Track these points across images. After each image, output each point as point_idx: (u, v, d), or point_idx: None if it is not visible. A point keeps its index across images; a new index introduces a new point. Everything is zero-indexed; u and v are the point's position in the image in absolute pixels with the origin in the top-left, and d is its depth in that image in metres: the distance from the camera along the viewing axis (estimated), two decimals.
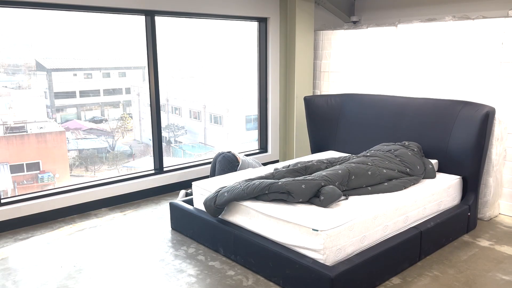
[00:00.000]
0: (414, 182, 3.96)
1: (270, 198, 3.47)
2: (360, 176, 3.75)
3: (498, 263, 3.57)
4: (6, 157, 5.39)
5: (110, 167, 6.18)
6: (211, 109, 7.19)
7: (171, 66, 6.15)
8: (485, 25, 4.48)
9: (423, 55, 5.03)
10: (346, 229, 3.09)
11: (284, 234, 3.22)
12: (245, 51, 6.46)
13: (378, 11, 6.24)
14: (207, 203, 3.70)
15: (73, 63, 5.86)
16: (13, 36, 4.98)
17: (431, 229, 3.65)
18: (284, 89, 6.35)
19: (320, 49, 6.22)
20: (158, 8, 4.96)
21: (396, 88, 5.32)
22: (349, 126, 5.25)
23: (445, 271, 3.43)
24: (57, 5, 4.30)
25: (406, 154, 4.20)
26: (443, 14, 5.36)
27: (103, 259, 3.69)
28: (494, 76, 4.46)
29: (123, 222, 4.52)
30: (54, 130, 5.81)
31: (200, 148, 7.21)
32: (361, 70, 5.73)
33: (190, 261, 3.64)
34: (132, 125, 6.49)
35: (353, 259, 3.07)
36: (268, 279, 3.31)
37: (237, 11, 5.67)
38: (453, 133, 4.29)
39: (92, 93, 6.02)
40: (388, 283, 3.26)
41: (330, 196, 3.33)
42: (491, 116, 4.09)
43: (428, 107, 4.58)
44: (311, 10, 6.06)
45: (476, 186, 4.22)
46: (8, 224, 4.29)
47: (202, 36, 6.41)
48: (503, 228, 4.27)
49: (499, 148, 4.35)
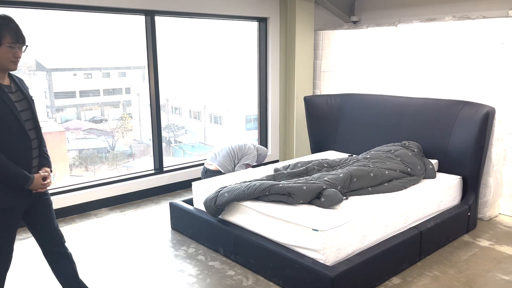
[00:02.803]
0: (414, 182, 3.96)
1: (270, 199, 3.47)
2: (362, 178, 3.74)
3: (498, 263, 3.57)
4: None
5: (110, 167, 6.18)
6: (211, 109, 7.19)
7: (171, 66, 6.15)
8: (485, 25, 4.48)
9: (423, 55, 5.03)
10: (346, 229, 3.09)
11: (284, 234, 3.22)
12: (245, 51, 6.46)
13: (378, 11, 6.24)
14: (207, 203, 3.70)
15: (73, 63, 5.86)
16: None
17: (431, 229, 3.65)
18: (284, 89, 6.34)
19: (320, 49, 6.22)
20: (158, 8, 4.95)
21: (396, 88, 5.31)
22: (349, 126, 5.25)
23: (445, 271, 3.43)
24: (57, 5, 4.30)
25: (406, 155, 4.20)
26: (443, 14, 5.36)
27: (103, 259, 3.69)
28: (494, 76, 4.45)
29: (123, 222, 4.52)
30: (54, 130, 5.81)
31: (200, 148, 7.21)
32: (361, 70, 5.73)
33: (190, 261, 3.64)
34: (132, 125, 6.49)
35: (353, 259, 3.07)
36: (268, 279, 3.31)
37: (237, 11, 5.67)
38: (453, 133, 4.29)
39: (92, 93, 6.02)
40: (388, 283, 3.26)
41: (331, 199, 3.33)
42: (491, 116, 4.09)
43: (428, 107, 4.58)
44: (311, 10, 6.06)
45: (476, 186, 4.22)
46: None
47: (202, 36, 6.41)
48: (503, 228, 4.27)
49: (499, 148, 4.35)
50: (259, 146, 5.34)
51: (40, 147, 2.52)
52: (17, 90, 2.41)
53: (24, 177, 2.36)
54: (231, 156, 4.99)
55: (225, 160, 4.95)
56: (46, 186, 2.48)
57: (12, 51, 2.29)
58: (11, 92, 2.36)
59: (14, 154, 2.33)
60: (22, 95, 2.42)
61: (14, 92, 2.39)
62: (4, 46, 2.26)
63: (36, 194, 2.49)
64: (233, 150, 5.02)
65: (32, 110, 2.45)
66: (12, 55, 2.29)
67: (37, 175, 2.43)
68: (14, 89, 2.40)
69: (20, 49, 2.34)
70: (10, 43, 2.27)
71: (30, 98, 2.47)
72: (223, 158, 4.96)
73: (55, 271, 2.76)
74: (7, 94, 2.31)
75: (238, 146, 5.07)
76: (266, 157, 5.36)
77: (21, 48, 2.35)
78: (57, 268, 2.75)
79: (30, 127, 2.42)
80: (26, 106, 2.42)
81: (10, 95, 2.34)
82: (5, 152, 2.30)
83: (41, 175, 2.45)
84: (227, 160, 4.96)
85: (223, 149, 5.06)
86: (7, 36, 2.25)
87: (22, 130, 2.35)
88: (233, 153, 5.01)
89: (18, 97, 2.40)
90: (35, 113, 2.47)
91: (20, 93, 2.42)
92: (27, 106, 2.42)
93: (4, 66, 2.31)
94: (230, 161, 4.97)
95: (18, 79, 2.49)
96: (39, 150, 2.51)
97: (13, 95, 2.37)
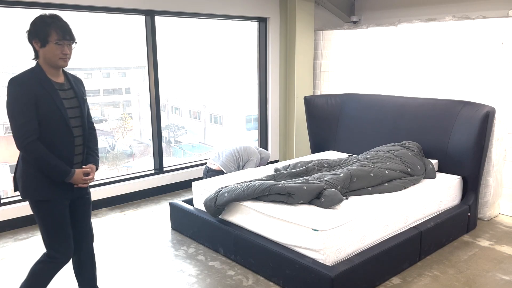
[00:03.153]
0: (414, 182, 3.95)
1: (270, 200, 3.47)
2: (362, 178, 3.74)
3: (498, 263, 3.57)
4: (6, 157, 5.38)
5: (110, 167, 6.17)
6: (211, 109, 7.19)
7: (171, 66, 6.14)
8: (485, 25, 4.48)
9: (423, 55, 5.03)
10: (346, 229, 3.09)
11: (284, 234, 3.22)
12: (245, 51, 6.46)
13: (378, 11, 6.24)
14: (207, 203, 3.70)
15: (73, 63, 5.85)
16: (13, 36, 4.98)
17: (431, 229, 3.65)
18: (284, 89, 6.34)
19: (320, 49, 6.22)
20: (158, 8, 4.96)
21: (396, 88, 5.31)
22: (349, 126, 5.25)
23: (445, 271, 3.43)
24: (57, 5, 4.30)
25: (406, 155, 4.20)
26: (443, 14, 5.36)
27: (103, 259, 3.69)
28: (494, 76, 4.45)
29: (123, 222, 4.52)
30: None
31: (200, 148, 7.21)
32: (361, 70, 5.73)
33: (190, 261, 3.64)
34: (132, 125, 6.49)
35: (353, 259, 3.07)
36: (268, 279, 3.31)
37: (237, 11, 5.67)
38: (453, 133, 4.29)
39: (92, 93, 6.01)
40: (388, 283, 3.26)
41: (331, 199, 3.33)
42: (491, 116, 4.09)
43: (428, 107, 4.58)
44: (311, 10, 6.06)
45: (476, 186, 4.22)
46: (8, 224, 4.29)
47: (202, 36, 6.41)
48: (503, 228, 4.27)
49: (499, 148, 4.35)
50: (262, 149, 5.36)
51: (86, 145, 2.58)
52: (69, 88, 2.49)
53: (65, 170, 2.41)
54: (235, 157, 5.00)
55: (228, 161, 4.95)
56: (87, 182, 2.52)
57: (60, 48, 2.35)
58: (62, 90, 2.44)
59: (57, 148, 2.41)
60: (73, 93, 2.49)
61: (66, 90, 2.46)
62: (51, 43, 2.33)
63: (77, 190, 2.53)
64: (237, 152, 5.03)
65: (81, 108, 2.52)
66: (60, 52, 2.35)
67: (79, 170, 2.48)
68: (66, 87, 2.47)
69: (69, 46, 2.39)
70: (57, 40, 2.33)
71: (82, 97, 2.55)
72: (226, 158, 4.96)
73: (76, 270, 2.78)
74: (56, 92, 2.39)
75: (242, 148, 5.07)
76: (268, 160, 5.38)
77: (70, 45, 2.40)
78: (79, 269, 2.78)
79: (76, 124, 2.48)
80: (75, 104, 2.49)
81: (61, 92, 2.42)
82: (48, 145, 2.37)
83: (83, 170, 2.49)
84: (230, 160, 4.96)
85: (226, 149, 5.07)
86: (53, 34, 2.33)
87: (66, 126, 2.42)
88: (237, 154, 5.02)
89: (69, 95, 2.47)
90: (84, 112, 2.54)
91: (71, 91, 2.49)
92: (76, 104, 2.49)
93: (53, 63, 2.38)
94: (234, 162, 4.98)
95: (75, 78, 2.59)
96: (84, 147, 2.57)
97: (63, 92, 2.44)
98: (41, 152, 2.34)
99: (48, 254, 2.54)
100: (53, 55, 2.35)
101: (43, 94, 2.33)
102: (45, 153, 2.34)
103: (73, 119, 2.46)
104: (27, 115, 2.30)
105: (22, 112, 2.30)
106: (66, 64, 2.42)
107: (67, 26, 2.39)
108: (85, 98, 2.59)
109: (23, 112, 2.30)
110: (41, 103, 2.32)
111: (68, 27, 2.39)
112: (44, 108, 2.33)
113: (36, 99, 2.31)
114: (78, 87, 2.55)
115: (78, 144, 2.51)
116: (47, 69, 2.40)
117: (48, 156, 2.35)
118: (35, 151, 2.33)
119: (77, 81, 2.59)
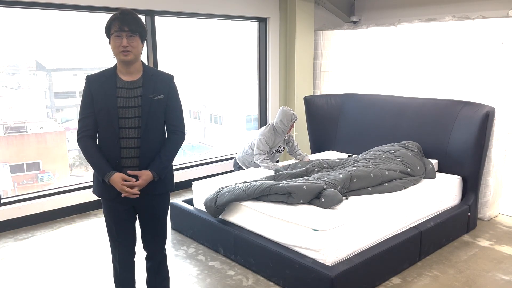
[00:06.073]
0: (414, 182, 3.96)
1: (270, 199, 3.47)
2: (362, 178, 3.73)
3: (498, 263, 3.57)
4: (6, 157, 5.39)
5: None
6: (211, 109, 7.19)
7: (171, 66, 6.14)
8: (485, 25, 4.48)
9: (423, 55, 5.03)
10: (346, 229, 3.09)
11: (284, 234, 3.22)
12: (245, 51, 6.46)
13: (378, 11, 6.24)
14: (207, 203, 3.70)
15: (73, 63, 5.86)
16: (13, 36, 4.98)
17: (431, 229, 3.65)
18: (284, 89, 6.34)
19: (320, 49, 6.22)
20: (158, 8, 4.96)
21: (396, 88, 5.31)
22: (349, 126, 5.25)
23: (445, 271, 3.43)
24: (57, 5, 4.30)
25: (406, 155, 4.20)
26: (443, 14, 5.36)
27: (103, 259, 3.69)
28: (494, 76, 4.45)
29: None
30: (54, 130, 5.82)
31: (200, 148, 7.21)
32: (361, 70, 5.73)
33: (190, 261, 3.64)
34: None
35: (353, 259, 3.07)
36: (268, 279, 3.31)
37: (237, 11, 5.67)
38: (453, 133, 4.29)
39: None
40: (388, 283, 3.26)
41: (331, 199, 3.33)
42: (491, 116, 4.09)
43: (428, 107, 4.58)
44: (311, 10, 6.06)
45: (476, 186, 4.22)
46: (8, 224, 4.29)
47: (202, 36, 6.41)
48: (503, 228, 4.27)
49: (499, 148, 4.35)
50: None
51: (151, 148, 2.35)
52: (139, 87, 2.31)
53: (103, 170, 2.30)
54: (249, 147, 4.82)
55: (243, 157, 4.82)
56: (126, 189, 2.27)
57: (119, 40, 2.22)
58: (126, 88, 2.30)
59: (104, 147, 2.35)
60: (139, 92, 2.30)
61: (133, 88, 2.30)
62: (112, 36, 2.24)
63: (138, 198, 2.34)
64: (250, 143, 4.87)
65: (143, 109, 2.29)
66: (119, 44, 2.22)
67: (118, 174, 2.28)
68: (135, 86, 2.31)
69: (130, 38, 2.22)
70: (115, 32, 2.22)
71: (150, 99, 2.31)
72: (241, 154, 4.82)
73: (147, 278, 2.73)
74: (114, 90, 2.28)
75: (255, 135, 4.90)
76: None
77: (131, 37, 2.22)
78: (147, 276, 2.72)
79: (130, 125, 2.30)
80: (136, 103, 2.29)
81: (123, 90, 2.29)
82: (99, 144, 2.36)
83: (122, 175, 2.28)
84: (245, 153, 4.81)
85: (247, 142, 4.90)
86: (113, 26, 2.22)
87: (111, 126, 2.29)
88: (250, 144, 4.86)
89: (133, 94, 2.30)
90: (147, 112, 2.29)
91: (138, 90, 2.30)
92: (137, 104, 2.29)
93: (116, 56, 2.28)
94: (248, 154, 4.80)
95: (159, 77, 2.38)
96: (145, 151, 2.33)
97: (127, 91, 2.30)
98: (87, 149, 2.33)
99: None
100: (114, 47, 2.24)
101: (99, 92, 2.29)
102: (90, 150, 2.32)
103: (126, 119, 2.28)
104: (83, 112, 2.33)
105: (82, 108, 2.34)
106: (129, 59, 2.24)
107: (128, 18, 2.22)
108: (158, 98, 2.32)
109: (82, 108, 2.34)
110: (96, 101, 2.29)
111: (128, 19, 2.21)
112: (97, 106, 2.30)
113: (92, 97, 2.30)
114: (155, 86, 2.33)
115: (128, 146, 2.31)
116: (120, 67, 2.32)
117: (93, 154, 2.31)
118: (83, 147, 2.34)
119: (160, 80, 2.36)
